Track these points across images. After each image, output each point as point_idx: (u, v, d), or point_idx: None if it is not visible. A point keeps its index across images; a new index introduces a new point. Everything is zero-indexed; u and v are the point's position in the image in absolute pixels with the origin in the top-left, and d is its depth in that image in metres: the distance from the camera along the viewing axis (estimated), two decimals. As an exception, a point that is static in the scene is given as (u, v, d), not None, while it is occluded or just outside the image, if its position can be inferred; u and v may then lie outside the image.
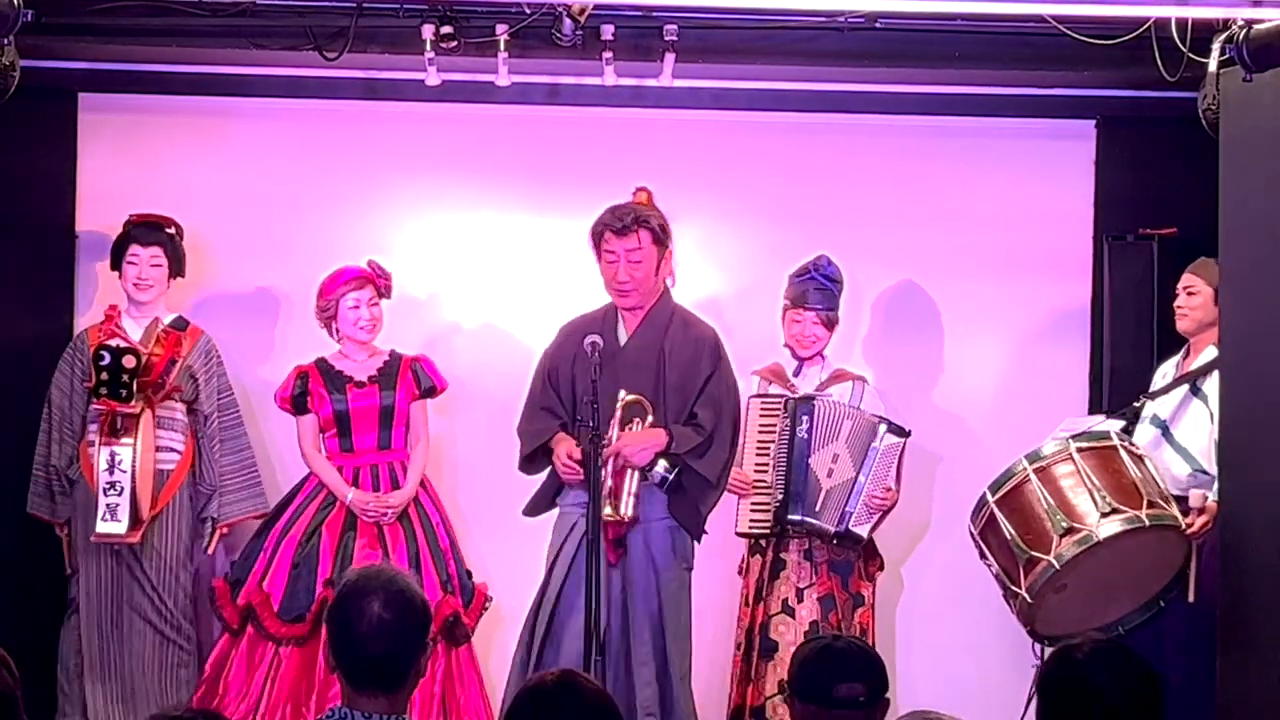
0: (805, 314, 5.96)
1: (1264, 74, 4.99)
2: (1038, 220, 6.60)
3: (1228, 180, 5.24)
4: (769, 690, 5.77)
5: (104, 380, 5.65)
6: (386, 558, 5.77)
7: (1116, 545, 5.22)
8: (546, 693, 3.19)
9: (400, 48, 5.99)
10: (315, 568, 5.78)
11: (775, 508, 5.80)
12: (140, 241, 6.00)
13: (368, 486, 5.90)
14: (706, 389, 5.50)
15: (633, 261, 5.49)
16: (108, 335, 5.91)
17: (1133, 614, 5.41)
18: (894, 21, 6.00)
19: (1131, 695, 3.24)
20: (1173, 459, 5.66)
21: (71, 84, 6.31)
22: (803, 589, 5.83)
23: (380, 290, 6.00)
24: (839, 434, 5.83)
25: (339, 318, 5.97)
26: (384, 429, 5.94)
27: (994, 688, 6.13)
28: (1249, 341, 5.20)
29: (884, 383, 6.41)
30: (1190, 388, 5.72)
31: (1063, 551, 5.17)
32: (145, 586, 5.86)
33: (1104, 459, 5.36)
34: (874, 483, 5.81)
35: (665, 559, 5.47)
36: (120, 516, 5.65)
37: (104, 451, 5.67)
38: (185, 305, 6.34)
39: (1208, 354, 5.75)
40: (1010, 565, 5.30)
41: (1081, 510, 5.24)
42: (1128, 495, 5.28)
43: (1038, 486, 5.28)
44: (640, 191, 5.61)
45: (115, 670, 5.86)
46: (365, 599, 3.27)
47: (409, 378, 6.00)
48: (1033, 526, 5.26)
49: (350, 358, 6.00)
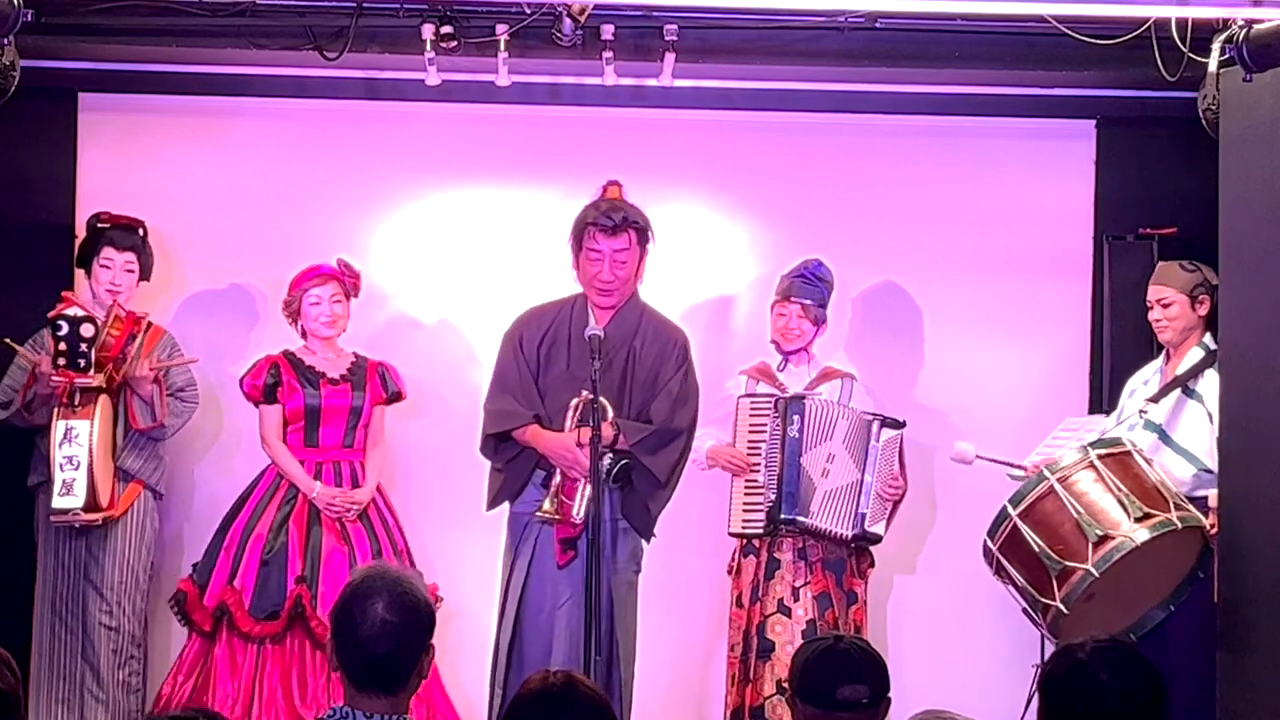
0: (790, 306, 5.96)
1: (1264, 74, 4.99)
2: (1038, 220, 6.60)
3: (1228, 180, 5.25)
4: (767, 690, 5.77)
5: (62, 350, 5.57)
6: (352, 554, 5.80)
7: (1148, 550, 5.22)
8: (550, 697, 3.19)
9: (400, 48, 5.98)
10: (285, 564, 5.78)
11: (768, 508, 5.79)
12: (115, 245, 5.95)
13: (330, 483, 5.90)
14: (667, 386, 5.52)
15: (618, 261, 5.49)
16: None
17: (1146, 617, 5.41)
18: (894, 21, 6.01)
19: (1134, 694, 3.24)
20: (1174, 462, 5.67)
21: (71, 84, 6.31)
22: (798, 587, 5.82)
23: (346, 289, 6.01)
24: (832, 433, 5.82)
25: (302, 313, 5.99)
26: (350, 428, 5.96)
27: (994, 687, 6.13)
28: (1249, 341, 5.20)
29: (884, 383, 6.41)
30: (1183, 390, 5.74)
31: (1100, 559, 5.18)
32: (103, 590, 5.80)
33: (1123, 464, 5.37)
34: (881, 479, 5.81)
35: (617, 561, 5.48)
36: (76, 491, 5.55)
37: (60, 424, 5.57)
38: (183, 304, 6.35)
39: (1193, 355, 5.77)
40: (1040, 578, 5.29)
41: (1114, 517, 5.24)
42: (1153, 499, 5.30)
43: (1065, 496, 5.28)
44: (613, 186, 5.60)
45: (66, 673, 5.81)
46: (370, 600, 3.27)
47: (376, 382, 6.02)
48: (1063, 536, 5.26)
49: (317, 354, 6.02)
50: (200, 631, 5.82)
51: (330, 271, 6.01)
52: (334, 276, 6.00)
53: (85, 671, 5.82)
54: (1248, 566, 5.15)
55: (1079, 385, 6.53)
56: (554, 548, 5.42)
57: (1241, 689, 5.15)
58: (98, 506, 5.65)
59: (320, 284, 5.98)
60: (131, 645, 5.89)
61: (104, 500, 5.68)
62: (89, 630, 5.82)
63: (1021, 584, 5.36)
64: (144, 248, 6.01)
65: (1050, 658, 3.47)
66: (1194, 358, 5.76)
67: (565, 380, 5.48)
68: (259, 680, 5.74)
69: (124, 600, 5.85)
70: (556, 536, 5.41)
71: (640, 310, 5.61)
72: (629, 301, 5.59)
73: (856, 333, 6.55)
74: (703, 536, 6.10)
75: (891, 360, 6.59)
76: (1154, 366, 5.91)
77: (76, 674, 5.82)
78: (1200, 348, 5.77)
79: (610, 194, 5.59)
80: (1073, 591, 5.21)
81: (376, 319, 6.43)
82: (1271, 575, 5.06)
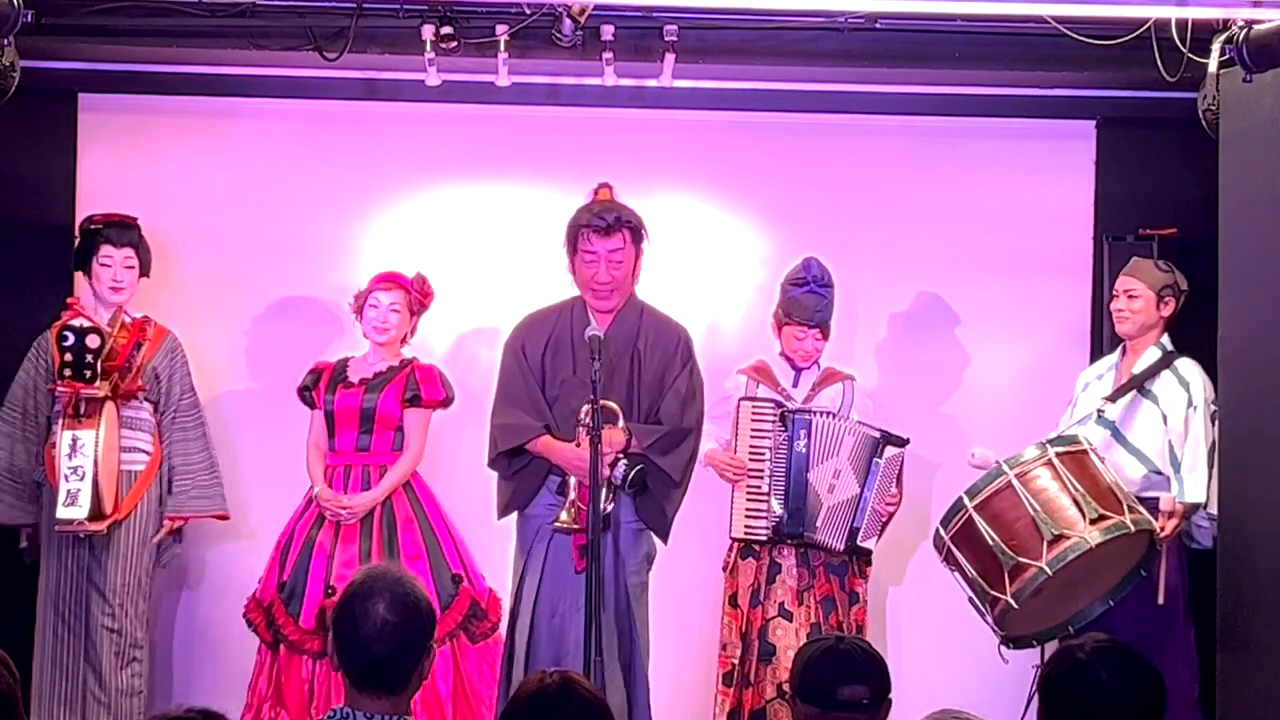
0: (808, 331, 5.92)
1: (1264, 74, 5.01)
2: (1038, 220, 6.60)
3: (1228, 180, 5.26)
4: (768, 694, 5.76)
5: (68, 361, 5.58)
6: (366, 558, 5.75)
7: (1100, 550, 5.23)
8: (547, 697, 3.19)
9: (400, 48, 5.99)
10: (316, 575, 5.75)
11: (776, 523, 5.78)
12: (113, 243, 5.93)
13: (339, 486, 5.87)
14: (674, 385, 5.51)
15: (614, 262, 5.46)
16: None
17: (1086, 610, 5.44)
18: (894, 22, 6.01)
19: (1133, 695, 3.25)
20: (1126, 460, 5.72)
21: (71, 84, 6.30)
22: (802, 591, 5.81)
23: (411, 302, 5.97)
24: (839, 449, 5.80)
25: (361, 314, 5.97)
26: (363, 431, 5.89)
27: (993, 687, 6.12)
28: (1249, 341, 5.21)
29: (883, 383, 6.41)
30: (1138, 390, 5.76)
31: (1054, 558, 5.19)
32: (105, 592, 5.80)
33: (1080, 464, 5.39)
34: (878, 496, 5.80)
35: (632, 562, 5.46)
36: (81, 502, 5.55)
37: (66, 435, 5.57)
38: (181, 304, 6.34)
39: (1150, 355, 5.82)
40: (991, 570, 5.31)
41: (1070, 516, 5.26)
42: (1108, 501, 5.32)
43: (1022, 493, 5.30)
44: (604, 189, 5.57)
45: (69, 675, 5.81)
46: (371, 600, 3.27)
47: (400, 383, 5.94)
48: (1017, 532, 5.28)
49: (367, 359, 6.00)
50: (266, 642, 5.82)
51: (400, 280, 5.97)
52: (402, 286, 5.96)
53: (87, 673, 5.82)
54: (1247, 567, 5.16)
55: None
56: (569, 553, 5.37)
57: (1241, 689, 5.15)
58: (102, 515, 5.66)
59: (386, 290, 5.95)
60: (134, 648, 5.87)
61: (108, 508, 5.69)
62: (91, 632, 5.81)
63: (971, 575, 5.39)
64: (141, 243, 6.01)
65: (1050, 658, 3.48)
66: (1151, 357, 5.81)
67: (572, 386, 5.43)
68: (314, 687, 5.73)
69: (127, 602, 5.84)
70: (574, 543, 5.37)
71: (640, 310, 5.60)
72: (628, 302, 5.58)
73: (855, 333, 6.55)
74: (703, 538, 6.09)
75: (891, 360, 6.59)
76: (1109, 361, 5.96)
77: (79, 676, 5.82)
78: (1158, 348, 5.83)
79: (601, 196, 5.56)
80: (1025, 588, 5.22)
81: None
82: (1271, 575, 5.07)
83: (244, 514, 6.27)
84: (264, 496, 6.23)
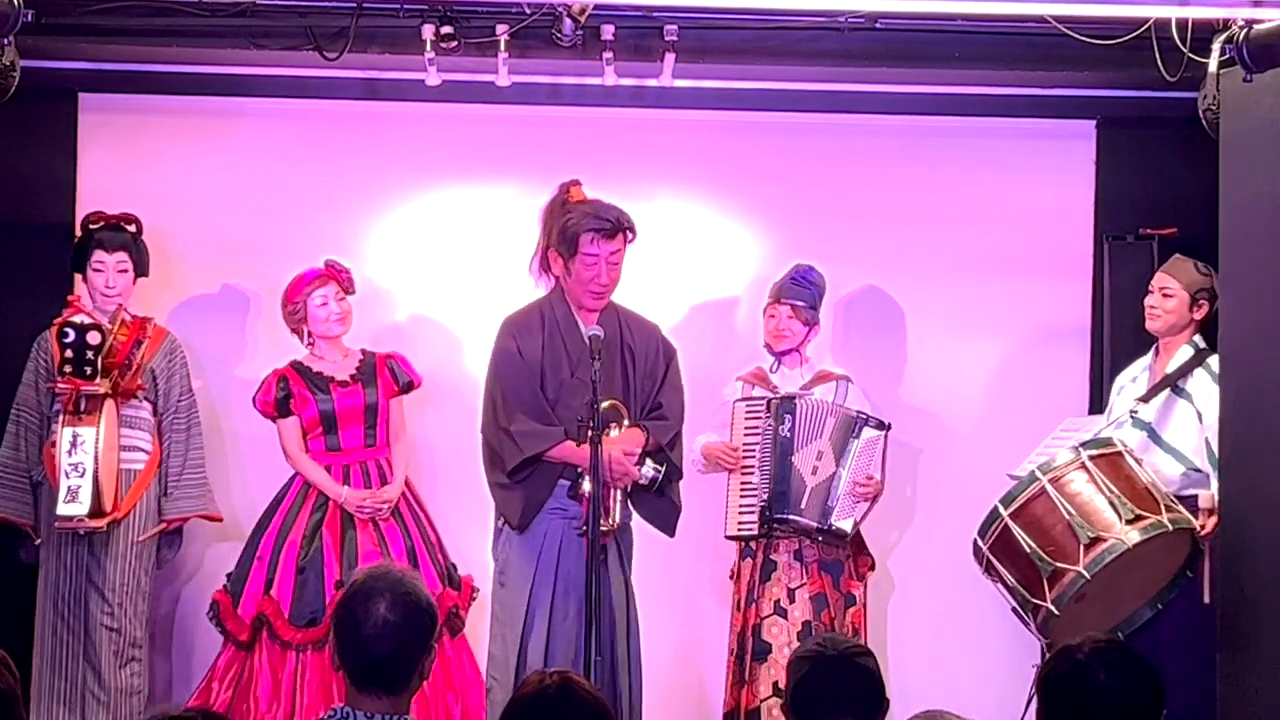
0: (780, 308, 5.97)
1: (1264, 74, 5.00)
2: (1038, 220, 6.60)
3: (1228, 180, 5.25)
4: (763, 693, 5.77)
5: (68, 358, 5.58)
6: (386, 554, 5.79)
7: (1139, 551, 5.23)
8: (547, 697, 3.19)
9: (400, 48, 5.98)
10: (322, 570, 5.78)
11: (761, 507, 5.80)
12: (105, 247, 5.93)
13: (359, 484, 5.91)
14: (669, 380, 5.52)
15: (612, 264, 5.43)
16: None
17: (1134, 616, 5.42)
18: (894, 22, 6.01)
19: (1133, 695, 3.25)
20: (1163, 460, 5.67)
21: (71, 84, 6.30)
22: (794, 589, 5.83)
23: (343, 286, 6.02)
24: (822, 431, 5.84)
25: (309, 318, 5.99)
26: (369, 427, 5.97)
27: (993, 688, 6.13)
28: (1249, 341, 5.21)
29: (883, 383, 6.41)
30: (1172, 389, 5.74)
31: (1091, 561, 5.19)
32: (105, 591, 5.79)
33: (1114, 465, 5.37)
34: (854, 474, 5.81)
35: (628, 561, 5.48)
36: (82, 499, 5.54)
37: (66, 432, 5.57)
38: (182, 304, 6.35)
39: (1183, 354, 5.78)
40: (1030, 578, 5.29)
41: (1106, 519, 5.25)
42: (1145, 501, 5.31)
43: (1056, 497, 5.29)
44: (575, 186, 5.52)
45: (68, 674, 5.80)
46: (372, 600, 3.28)
47: (386, 375, 6.03)
48: (1054, 538, 5.27)
49: (325, 358, 6.02)
50: (236, 642, 5.81)
51: (325, 272, 6.02)
52: (331, 276, 6.01)
53: (87, 672, 5.82)
54: (1248, 566, 5.15)
55: (1079, 385, 6.53)
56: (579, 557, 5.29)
57: (1241, 689, 5.15)
58: (102, 512, 5.65)
59: (321, 285, 5.99)
60: (133, 647, 5.88)
61: (108, 505, 5.69)
62: (91, 631, 5.81)
63: (1012, 584, 5.37)
64: (135, 244, 6.00)
65: (1049, 658, 3.47)
66: (1183, 356, 5.77)
67: (572, 387, 5.38)
68: (299, 688, 5.74)
69: (126, 602, 5.84)
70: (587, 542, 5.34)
71: (615, 308, 5.56)
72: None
73: (855, 333, 6.55)
74: (701, 538, 6.10)
75: (890, 360, 6.59)
76: (1143, 363, 5.91)
77: (78, 675, 5.81)
78: (1190, 346, 5.78)
79: (575, 195, 5.49)
80: (1064, 593, 5.22)
81: (376, 319, 6.42)
82: (1271, 575, 5.06)
83: (243, 514, 6.27)
84: (264, 497, 6.21)
